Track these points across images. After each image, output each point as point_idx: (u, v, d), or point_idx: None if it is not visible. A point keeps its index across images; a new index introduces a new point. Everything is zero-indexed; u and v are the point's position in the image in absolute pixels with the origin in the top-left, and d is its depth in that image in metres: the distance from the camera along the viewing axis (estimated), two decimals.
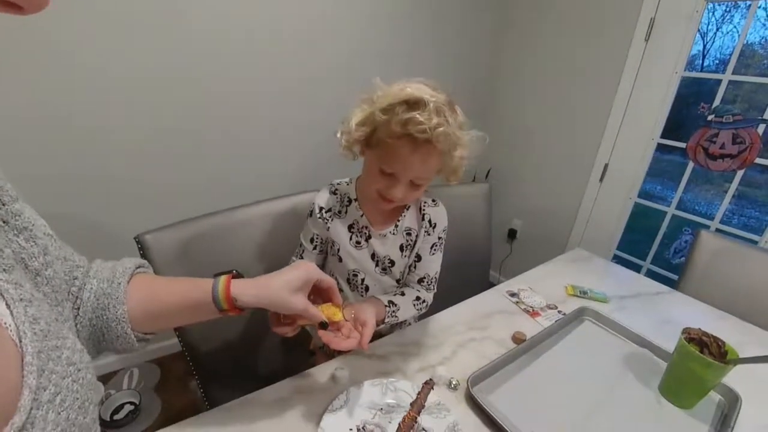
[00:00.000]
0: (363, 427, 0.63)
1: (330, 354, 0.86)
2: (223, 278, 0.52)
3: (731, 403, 0.73)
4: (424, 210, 0.80)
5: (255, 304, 0.52)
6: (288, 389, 0.70)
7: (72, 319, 0.44)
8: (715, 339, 0.73)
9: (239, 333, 0.96)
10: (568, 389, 0.74)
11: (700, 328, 0.74)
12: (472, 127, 0.69)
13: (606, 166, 1.87)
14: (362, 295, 0.84)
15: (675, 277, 1.60)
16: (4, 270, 0.32)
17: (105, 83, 1.23)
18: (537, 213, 2.17)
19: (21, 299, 0.32)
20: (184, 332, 0.90)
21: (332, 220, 0.79)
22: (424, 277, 0.82)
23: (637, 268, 1.84)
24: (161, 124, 1.38)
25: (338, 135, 0.70)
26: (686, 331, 0.74)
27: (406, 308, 0.78)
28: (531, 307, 0.96)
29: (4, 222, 0.36)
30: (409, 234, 0.80)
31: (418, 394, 0.58)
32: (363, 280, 0.81)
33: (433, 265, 0.82)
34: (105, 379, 1.59)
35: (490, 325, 0.88)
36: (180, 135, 1.43)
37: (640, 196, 1.83)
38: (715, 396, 0.75)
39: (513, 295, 1.01)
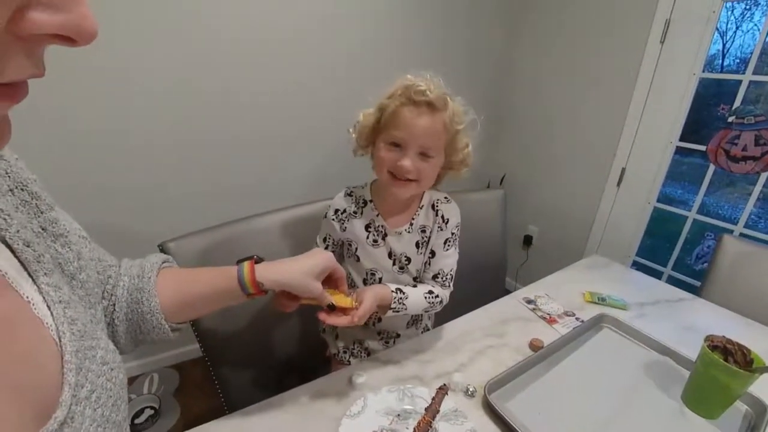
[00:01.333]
0: None
1: (346, 361, 0.87)
2: (246, 264, 0.56)
3: (759, 413, 0.71)
4: (437, 206, 0.81)
5: (278, 287, 0.57)
6: (307, 394, 0.71)
7: (103, 320, 0.46)
8: (740, 347, 0.71)
9: (258, 338, 0.98)
10: (587, 397, 0.73)
11: (724, 336, 0.73)
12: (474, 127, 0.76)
13: (623, 170, 1.84)
14: None
15: (697, 283, 1.56)
16: (45, 274, 0.34)
17: (126, 93, 1.29)
18: (553, 219, 2.15)
19: (60, 301, 0.34)
20: (204, 337, 0.92)
21: (349, 220, 0.81)
22: (438, 273, 0.82)
23: (657, 275, 1.80)
24: (181, 133, 1.42)
25: (351, 131, 0.77)
26: (709, 338, 0.72)
27: (416, 299, 0.77)
28: (548, 314, 0.95)
29: (42, 229, 0.38)
30: (423, 231, 0.81)
31: (433, 399, 0.59)
32: (381, 279, 0.81)
33: (447, 261, 0.82)
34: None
35: (507, 332, 0.88)
36: (200, 144, 1.47)
37: (659, 200, 1.80)
38: (741, 406, 0.73)
39: (530, 302, 1.00)
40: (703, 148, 1.63)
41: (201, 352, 0.91)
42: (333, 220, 0.81)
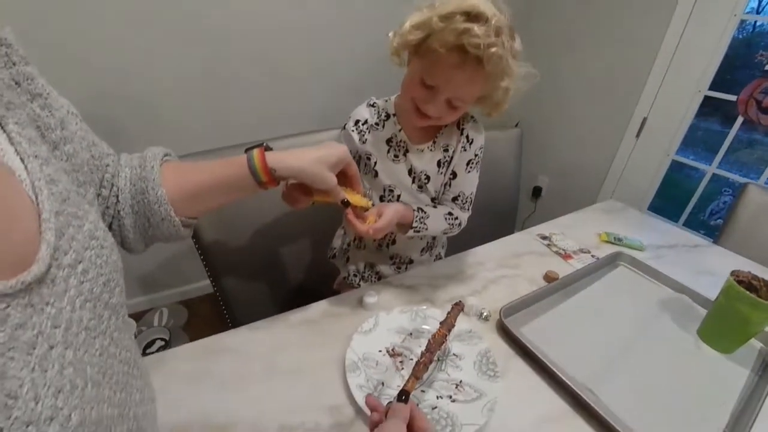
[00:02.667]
0: (392, 349, 0.63)
1: (356, 284, 0.85)
2: (256, 151, 0.51)
3: None
4: (463, 125, 0.76)
5: (291, 174, 0.52)
6: (316, 312, 0.69)
7: (97, 205, 0.42)
8: (766, 283, 0.69)
9: (266, 262, 0.96)
10: (601, 328, 0.72)
11: (750, 272, 0.70)
12: (521, 64, 0.66)
13: (644, 120, 1.76)
14: None
15: (710, 239, 1.53)
16: (17, 123, 0.30)
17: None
18: (565, 170, 2.09)
19: (36, 156, 0.30)
20: (210, 258, 0.90)
21: (369, 132, 0.76)
22: (459, 195, 0.79)
23: None
24: (185, 65, 1.34)
25: (390, 35, 0.67)
26: (735, 273, 0.69)
27: (437, 219, 0.75)
28: (563, 249, 0.93)
29: (15, 83, 0.33)
30: (446, 150, 0.76)
31: (448, 313, 0.57)
32: (399, 196, 0.77)
33: (467, 183, 0.79)
34: (136, 317, 1.65)
35: (521, 264, 0.86)
36: (198, 77, 1.39)
37: (678, 154, 1.73)
38: (756, 344, 0.72)
39: (544, 238, 0.97)
40: (733, 98, 1.54)
41: (212, 286, 0.89)
42: (352, 131, 0.76)
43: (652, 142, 1.77)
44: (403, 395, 0.43)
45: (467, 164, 0.77)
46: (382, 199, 0.79)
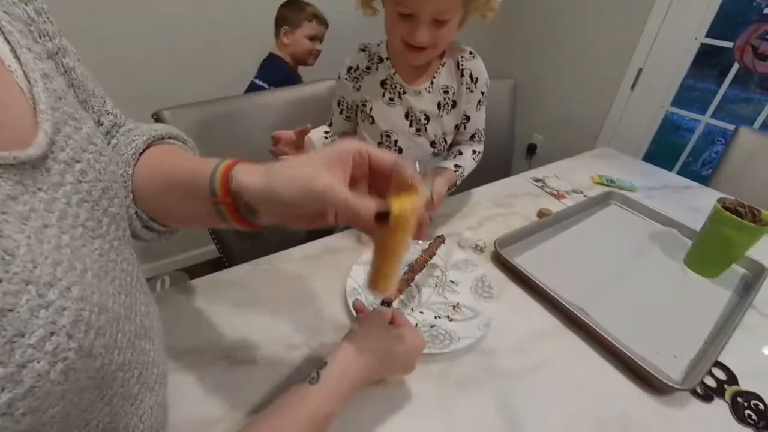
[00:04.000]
0: None
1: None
2: (229, 161, 0.35)
3: (755, 274, 0.73)
4: (462, 65, 0.74)
5: (258, 191, 0.33)
6: (316, 249, 0.71)
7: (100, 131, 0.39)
8: (751, 208, 0.71)
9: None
10: (593, 258, 0.75)
11: (736, 198, 0.72)
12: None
13: (640, 71, 1.74)
14: None
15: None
16: (6, 12, 0.27)
17: None
18: (559, 126, 2.08)
19: (29, 49, 0.27)
20: (221, 237, 0.91)
21: (362, 78, 0.75)
22: (475, 133, 0.82)
23: None
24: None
25: None
26: (721, 200, 0.71)
27: (468, 165, 0.79)
28: (556, 190, 0.94)
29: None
30: (446, 92, 0.75)
31: (430, 244, 0.64)
32: (396, 141, 0.77)
33: (480, 119, 0.81)
34: None
35: (516, 204, 0.88)
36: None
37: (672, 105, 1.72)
38: (738, 269, 0.75)
39: (538, 180, 0.98)
40: (730, 44, 1.52)
41: (217, 250, 0.89)
42: (346, 79, 0.75)
43: (647, 94, 1.76)
44: (385, 302, 0.50)
45: (477, 104, 0.78)
46: (380, 145, 0.79)
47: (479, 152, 0.83)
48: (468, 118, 0.79)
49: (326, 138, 0.88)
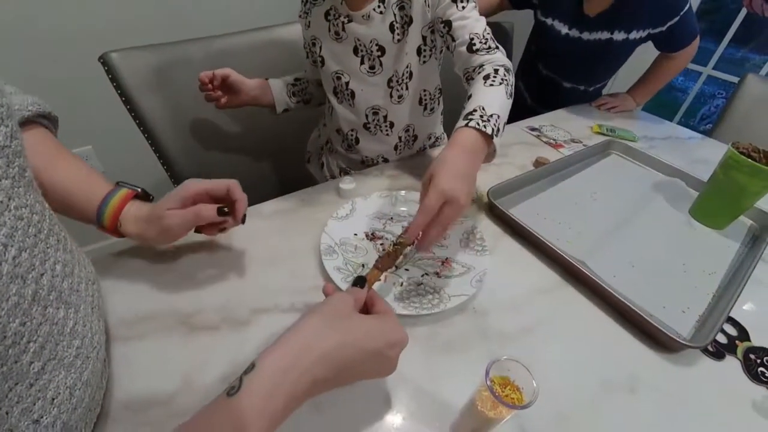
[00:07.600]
0: (372, 234, 0.58)
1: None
2: (125, 191, 0.45)
3: (763, 226, 0.68)
4: None
5: (137, 236, 0.46)
6: (291, 203, 0.63)
7: None
8: (766, 153, 0.65)
9: (241, 176, 0.88)
10: (592, 209, 0.69)
11: (750, 143, 0.66)
12: None
13: None
14: (351, 105, 0.69)
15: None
16: None
17: None
18: None
19: None
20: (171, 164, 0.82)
21: (311, 12, 0.63)
22: (473, 39, 0.57)
23: None
24: None
25: None
26: (735, 144, 0.65)
27: (499, 99, 0.53)
28: (554, 139, 0.87)
29: None
30: (402, 8, 0.60)
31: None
32: (347, 83, 0.65)
33: (471, 20, 0.58)
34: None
35: (510, 153, 0.80)
36: None
37: None
38: (746, 221, 0.70)
39: (534, 129, 0.91)
40: None
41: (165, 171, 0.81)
42: (300, 15, 0.65)
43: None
44: (359, 282, 0.37)
45: (453, 2, 0.58)
46: (335, 90, 0.68)
47: (503, 64, 0.56)
48: (448, 25, 0.58)
49: (296, 84, 0.77)
